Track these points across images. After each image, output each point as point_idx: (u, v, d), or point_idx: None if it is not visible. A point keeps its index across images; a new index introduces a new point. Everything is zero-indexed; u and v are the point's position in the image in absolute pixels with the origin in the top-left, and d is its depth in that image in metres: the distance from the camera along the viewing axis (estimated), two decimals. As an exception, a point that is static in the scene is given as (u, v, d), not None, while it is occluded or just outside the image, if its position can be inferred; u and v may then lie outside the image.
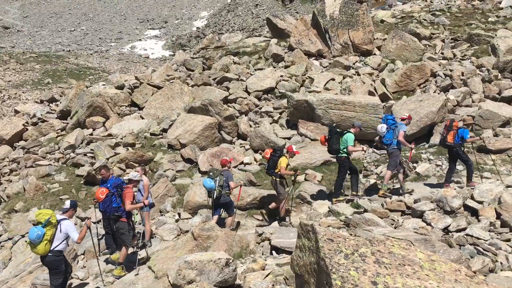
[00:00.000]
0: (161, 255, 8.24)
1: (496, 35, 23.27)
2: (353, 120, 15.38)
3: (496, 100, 16.76)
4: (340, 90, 18.34)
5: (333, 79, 19.58)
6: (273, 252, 8.12)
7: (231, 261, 6.31)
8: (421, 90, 18.53)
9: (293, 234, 8.14)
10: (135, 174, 9.55)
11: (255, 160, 14.94)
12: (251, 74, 20.66)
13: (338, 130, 10.75)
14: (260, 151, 15.32)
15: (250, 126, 17.02)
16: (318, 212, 10.19)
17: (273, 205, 10.85)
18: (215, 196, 9.89)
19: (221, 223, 10.03)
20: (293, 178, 10.71)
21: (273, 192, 11.14)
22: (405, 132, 10.77)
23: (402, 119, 11.20)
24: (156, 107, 19.18)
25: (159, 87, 20.35)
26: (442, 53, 22.79)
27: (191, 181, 13.36)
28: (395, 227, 8.41)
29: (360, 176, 12.67)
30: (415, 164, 12.93)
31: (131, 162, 14.75)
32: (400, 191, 10.81)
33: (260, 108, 18.16)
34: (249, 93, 19.27)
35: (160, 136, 16.90)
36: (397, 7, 40.44)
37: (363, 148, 11.40)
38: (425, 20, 30.28)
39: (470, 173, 10.75)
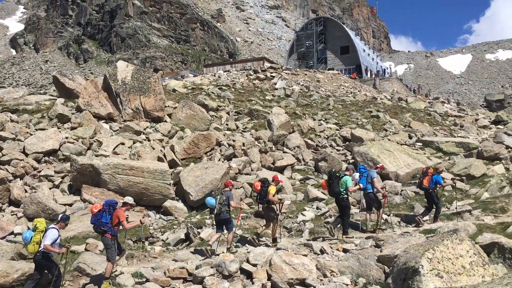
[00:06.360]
0: None
1: (271, 112, 26.53)
2: (141, 186, 15.26)
3: (271, 169, 18.79)
4: (129, 155, 18.09)
5: (123, 143, 19.24)
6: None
7: None
8: (208, 157, 19.58)
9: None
10: (130, 198, 10.34)
11: (28, 229, 13.31)
12: (31, 134, 18.89)
13: (337, 174, 12.08)
14: (35, 218, 13.79)
15: (26, 191, 15.28)
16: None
17: (262, 229, 12.06)
18: (215, 213, 10.95)
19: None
20: (280, 205, 12.04)
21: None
22: (375, 177, 12.59)
23: (376, 167, 13.64)
24: None
25: None
26: (227, 124, 24.77)
27: None
28: (176, 296, 8.36)
29: (146, 243, 12.54)
30: (199, 230, 13.29)
31: None
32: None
33: (39, 172, 16.54)
34: (27, 155, 17.44)
35: None
36: (189, 78, 43.08)
37: (360, 186, 12.49)
38: (213, 93, 32.82)
39: (437, 214, 13.01)
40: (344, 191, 11.84)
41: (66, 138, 18.91)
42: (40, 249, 8.78)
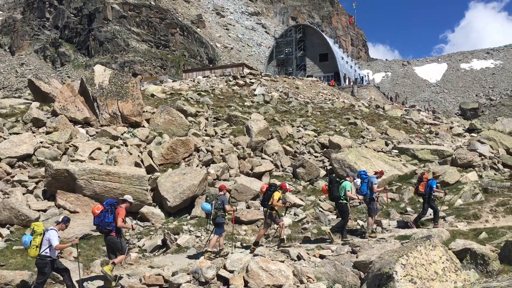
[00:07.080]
0: None
1: (250, 118, 26.56)
2: (117, 192, 15.04)
3: (249, 175, 18.77)
4: (106, 160, 17.86)
5: (99, 149, 18.97)
6: None
7: None
8: (186, 163, 19.46)
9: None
10: (129, 196, 10.56)
11: (1, 236, 13.03)
12: (5, 139, 18.49)
13: (337, 179, 12.44)
14: (7, 225, 13.51)
15: (-2, 197, 14.93)
16: (71, 294, 9.31)
17: (261, 233, 12.17)
18: (212, 218, 11.33)
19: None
20: (284, 209, 12.56)
21: (19, 271, 9.95)
22: (376, 184, 12.91)
23: (375, 173, 13.86)
24: None
25: None
26: (205, 130, 24.69)
27: None
28: (152, 303, 8.27)
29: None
30: (176, 236, 13.19)
31: None
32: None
33: (13, 177, 16.20)
34: (0, 159, 17.09)
35: None
36: (168, 83, 42.80)
37: (358, 197, 12.94)
38: (192, 98, 32.71)
39: (417, 218, 13.57)
40: (343, 196, 12.13)
41: (41, 142, 18.57)
42: (41, 252, 8.86)
